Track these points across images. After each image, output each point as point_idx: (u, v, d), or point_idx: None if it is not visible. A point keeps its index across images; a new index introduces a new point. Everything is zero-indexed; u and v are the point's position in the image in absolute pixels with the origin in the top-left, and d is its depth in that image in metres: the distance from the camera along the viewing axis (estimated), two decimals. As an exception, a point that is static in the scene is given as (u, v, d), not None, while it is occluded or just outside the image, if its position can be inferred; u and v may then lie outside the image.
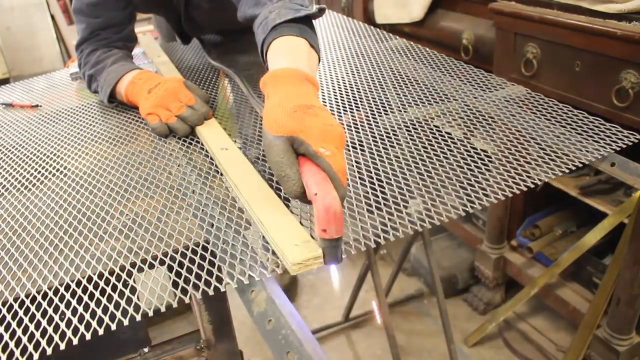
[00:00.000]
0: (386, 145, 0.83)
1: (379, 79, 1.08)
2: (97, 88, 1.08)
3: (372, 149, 0.81)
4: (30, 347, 0.53)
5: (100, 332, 0.53)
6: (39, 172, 0.87)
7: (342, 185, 0.60)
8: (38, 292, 0.59)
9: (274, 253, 0.60)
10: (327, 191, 0.58)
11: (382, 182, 0.73)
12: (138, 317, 0.55)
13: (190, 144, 0.89)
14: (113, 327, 0.54)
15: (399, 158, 0.79)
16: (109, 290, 0.59)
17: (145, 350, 0.75)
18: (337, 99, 1.01)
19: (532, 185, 0.70)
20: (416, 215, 0.65)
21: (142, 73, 1.01)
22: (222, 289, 0.57)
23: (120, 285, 0.60)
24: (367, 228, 0.63)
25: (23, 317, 0.57)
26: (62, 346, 0.53)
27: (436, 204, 0.67)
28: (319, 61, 0.81)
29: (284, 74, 0.71)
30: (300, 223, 0.63)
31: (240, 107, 1.05)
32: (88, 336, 0.53)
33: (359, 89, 1.04)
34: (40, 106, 1.17)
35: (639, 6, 1.26)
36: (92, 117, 1.07)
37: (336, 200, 0.57)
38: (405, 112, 0.94)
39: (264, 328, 0.56)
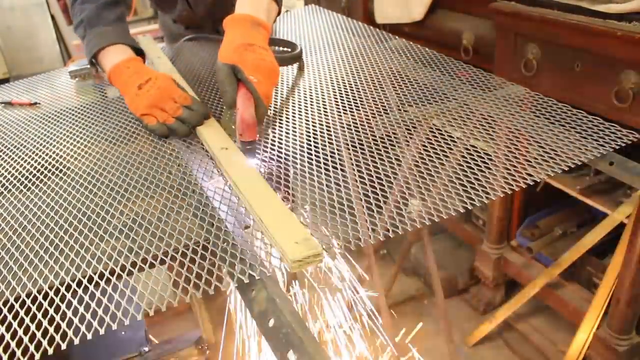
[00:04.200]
0: (386, 145, 0.83)
1: (379, 79, 1.08)
2: (84, 40, 1.05)
3: (372, 149, 0.82)
4: (32, 347, 0.53)
5: (102, 332, 0.53)
6: (39, 171, 0.87)
7: (263, 105, 0.83)
8: (39, 292, 0.59)
9: (274, 251, 0.60)
10: (246, 107, 0.81)
11: (382, 181, 0.73)
12: (139, 317, 0.55)
13: (191, 143, 0.89)
14: (114, 326, 0.54)
15: (399, 158, 0.79)
16: (109, 289, 0.59)
17: (146, 349, 0.75)
18: (337, 99, 1.01)
19: (532, 183, 0.70)
20: (416, 213, 0.65)
21: (130, 61, 0.98)
22: (223, 289, 0.57)
23: (120, 285, 0.60)
24: (367, 226, 0.64)
25: (24, 316, 0.57)
26: (64, 346, 0.53)
27: (436, 202, 0.67)
28: (279, 13, 1.04)
29: (241, 18, 0.93)
30: (301, 222, 0.63)
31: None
32: (89, 336, 0.53)
33: (359, 89, 1.04)
34: (39, 103, 1.17)
35: (639, 6, 1.26)
36: (92, 116, 1.07)
37: (251, 114, 0.81)
38: (405, 112, 0.94)
39: (264, 327, 0.56)
